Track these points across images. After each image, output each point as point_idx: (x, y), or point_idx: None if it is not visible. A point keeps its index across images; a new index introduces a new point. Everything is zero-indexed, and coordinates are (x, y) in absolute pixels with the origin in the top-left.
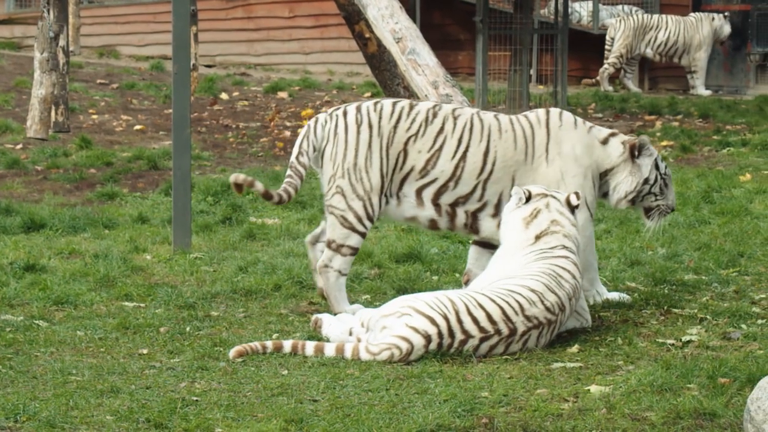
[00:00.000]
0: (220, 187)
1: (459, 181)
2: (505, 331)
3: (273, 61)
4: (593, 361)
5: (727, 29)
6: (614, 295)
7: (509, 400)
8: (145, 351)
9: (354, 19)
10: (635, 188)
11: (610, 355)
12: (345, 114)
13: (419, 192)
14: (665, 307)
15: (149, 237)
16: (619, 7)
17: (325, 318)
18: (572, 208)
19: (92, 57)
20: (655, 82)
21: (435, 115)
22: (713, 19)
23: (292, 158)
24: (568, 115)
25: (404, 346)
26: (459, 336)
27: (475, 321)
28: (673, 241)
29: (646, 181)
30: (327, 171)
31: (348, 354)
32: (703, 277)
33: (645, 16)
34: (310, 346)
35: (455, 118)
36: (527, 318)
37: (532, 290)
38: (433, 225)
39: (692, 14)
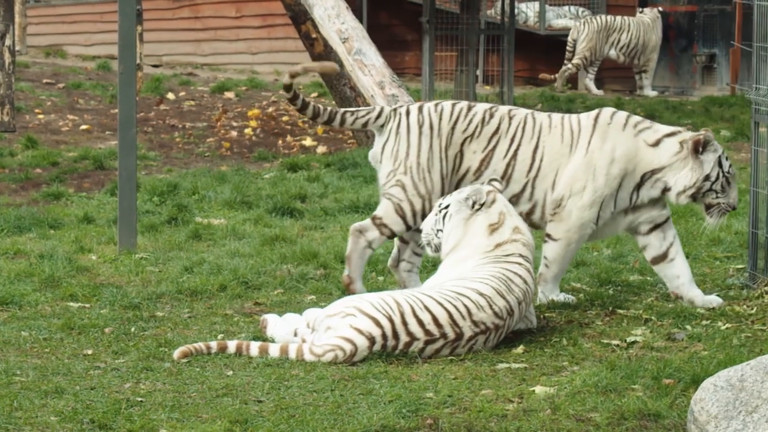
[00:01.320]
0: (166, 187)
1: (510, 180)
2: (451, 335)
3: (220, 61)
4: (538, 362)
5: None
6: (560, 297)
7: (454, 400)
8: (89, 351)
9: (301, 19)
10: (695, 183)
11: (554, 356)
12: (408, 113)
13: None
14: (610, 308)
15: (95, 237)
16: (566, 7)
17: (270, 318)
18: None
19: (39, 56)
20: (602, 82)
21: (492, 116)
22: (658, 15)
23: (342, 109)
24: (620, 116)
25: (348, 347)
26: (404, 338)
27: (421, 323)
28: (618, 242)
29: (707, 177)
30: (386, 166)
31: (292, 355)
32: (648, 278)
33: (608, 18)
34: (254, 347)
35: (510, 118)
36: (474, 323)
37: (481, 294)
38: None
39: (645, 14)
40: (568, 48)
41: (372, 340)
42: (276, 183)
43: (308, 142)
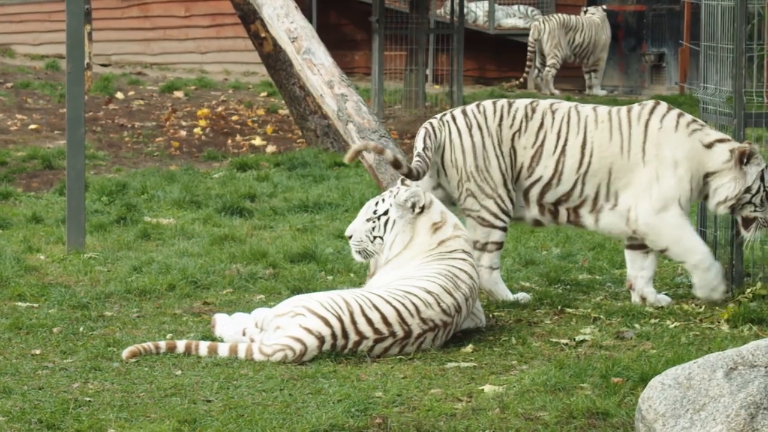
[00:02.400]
0: (115, 186)
1: (561, 179)
2: (400, 333)
3: (169, 61)
4: (487, 361)
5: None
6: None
7: (403, 399)
8: (38, 351)
9: (249, 18)
10: (736, 195)
11: (504, 355)
12: (454, 119)
13: (526, 193)
14: (559, 307)
15: (43, 237)
16: (515, 7)
17: (219, 318)
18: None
19: None
20: (548, 81)
21: (534, 111)
22: (605, 11)
23: (419, 150)
24: (670, 118)
25: (297, 347)
26: (353, 337)
27: (370, 322)
28: (567, 241)
29: (748, 189)
30: (452, 177)
31: (242, 354)
32: (597, 277)
33: (565, 16)
34: (203, 347)
35: (553, 112)
36: (423, 320)
37: (429, 292)
38: (537, 224)
39: (595, 14)
40: (529, 48)
41: (321, 340)
42: (225, 182)
43: (258, 141)
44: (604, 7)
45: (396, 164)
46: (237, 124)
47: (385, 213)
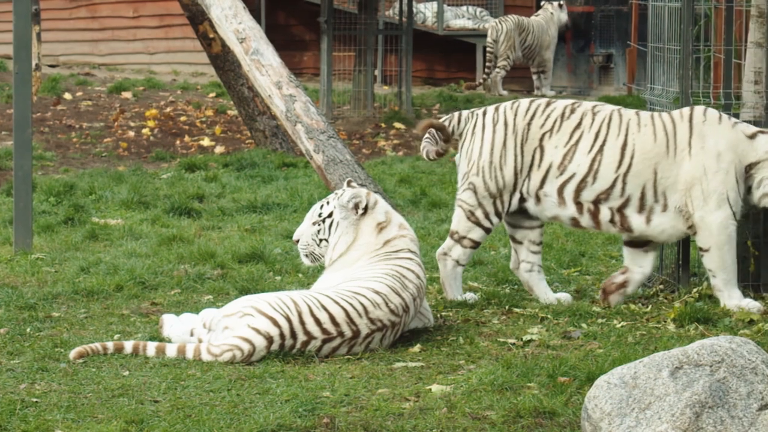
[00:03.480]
0: (62, 187)
1: (597, 176)
2: (348, 333)
3: (117, 61)
4: (435, 361)
5: (563, 16)
6: (745, 302)
7: (351, 399)
8: None
9: (198, 19)
10: None
11: (451, 355)
12: (484, 113)
13: (560, 190)
14: (507, 307)
15: None
16: (464, 7)
17: (166, 319)
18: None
19: None
20: (497, 83)
21: (573, 111)
22: (552, 14)
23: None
24: (712, 112)
25: (246, 347)
26: (301, 337)
27: (318, 322)
28: None
29: None
30: (462, 168)
31: (190, 355)
32: (545, 277)
33: (519, 18)
34: (151, 347)
35: (594, 114)
36: (371, 320)
37: (377, 292)
38: (575, 223)
39: (540, 15)
40: (488, 49)
41: (270, 340)
42: (173, 183)
43: (206, 142)
44: (561, 2)
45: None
46: (185, 124)
47: (330, 215)
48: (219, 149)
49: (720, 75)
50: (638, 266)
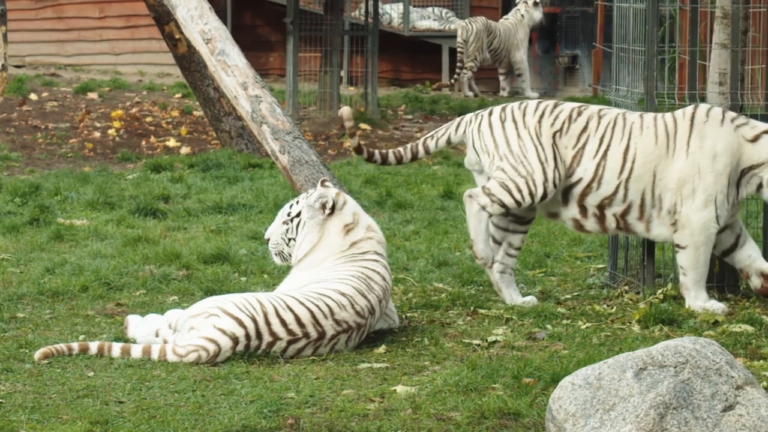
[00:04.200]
0: (28, 188)
1: (601, 181)
2: (313, 334)
3: (83, 62)
4: (400, 362)
5: (537, 15)
6: (709, 303)
7: (315, 400)
8: None
9: (164, 19)
10: None
11: (416, 356)
12: (490, 113)
13: (566, 192)
14: (472, 308)
15: None
16: (429, 9)
17: (131, 319)
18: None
19: None
20: (464, 83)
21: (579, 114)
22: (522, 16)
23: (422, 138)
24: (715, 112)
25: (211, 347)
26: (267, 338)
27: (284, 323)
28: None
29: None
30: (485, 162)
31: (155, 355)
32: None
33: (486, 20)
34: (116, 348)
35: (600, 118)
36: (336, 322)
37: (343, 294)
38: (578, 226)
39: (509, 17)
40: (458, 49)
41: (235, 341)
42: (139, 184)
43: (172, 142)
44: (537, 0)
45: (358, 150)
46: (151, 125)
47: (298, 215)
48: (185, 150)
49: (685, 76)
50: (748, 257)
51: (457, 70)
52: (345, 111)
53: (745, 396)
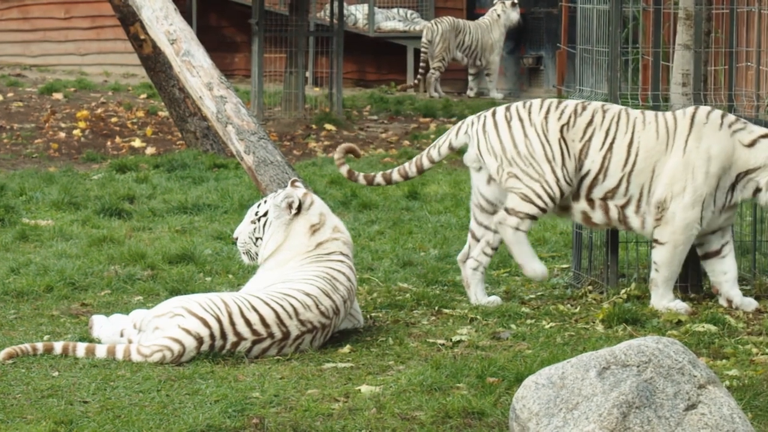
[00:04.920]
0: None
1: (606, 174)
2: (278, 334)
3: (49, 62)
4: (364, 361)
5: (514, 15)
6: (673, 303)
7: (280, 400)
8: None
9: (129, 20)
10: None
11: (381, 356)
12: (494, 113)
13: (577, 186)
14: (436, 308)
15: None
16: (394, 10)
17: (96, 319)
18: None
19: None
20: (430, 84)
21: (584, 108)
22: (498, 16)
23: (425, 150)
24: (715, 115)
25: (176, 347)
26: (231, 338)
27: (248, 323)
28: (445, 242)
29: None
30: (491, 165)
31: (119, 355)
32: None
33: (453, 19)
34: (81, 348)
35: (604, 112)
36: (301, 322)
37: (307, 294)
38: (586, 219)
39: (486, 17)
40: (423, 50)
41: (200, 341)
42: (104, 184)
43: (137, 143)
44: (514, 1)
45: (350, 177)
46: (117, 125)
47: (265, 214)
48: (150, 150)
49: (648, 77)
50: (723, 273)
51: (420, 71)
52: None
53: (707, 395)
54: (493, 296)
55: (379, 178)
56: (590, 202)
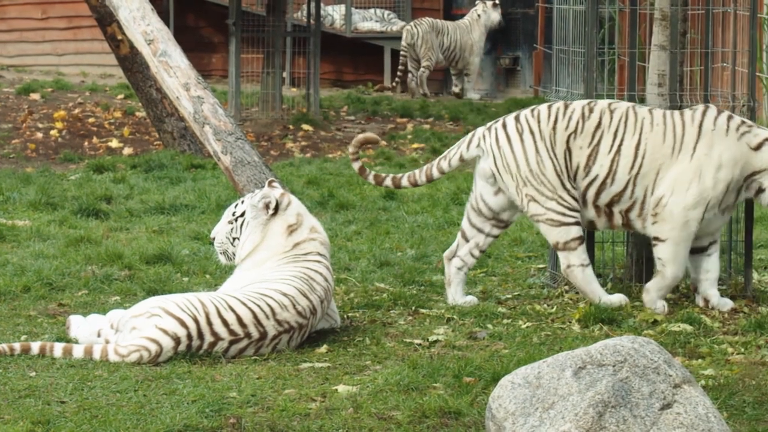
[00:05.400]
0: None
1: (614, 178)
2: (255, 334)
3: (26, 63)
4: (341, 361)
5: (495, 16)
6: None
7: (257, 400)
8: None
9: (106, 20)
10: None
11: (358, 355)
12: (504, 126)
13: (583, 194)
14: (413, 308)
15: None
16: (371, 10)
17: (73, 319)
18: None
19: None
20: (407, 85)
21: (591, 111)
22: (479, 16)
23: (436, 160)
24: (722, 120)
25: (153, 347)
26: (208, 338)
27: (225, 324)
28: (422, 243)
29: None
30: (509, 184)
31: (97, 355)
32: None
33: (432, 20)
34: (58, 348)
35: (612, 112)
36: (278, 322)
37: (284, 294)
38: (591, 225)
39: (466, 17)
40: (402, 53)
41: (177, 341)
42: (82, 184)
43: (114, 143)
44: (496, 1)
45: (361, 173)
46: (94, 126)
47: (243, 215)
48: (127, 151)
49: (624, 77)
50: (705, 272)
51: (399, 73)
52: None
53: (682, 394)
54: (470, 296)
55: (388, 181)
56: (597, 209)
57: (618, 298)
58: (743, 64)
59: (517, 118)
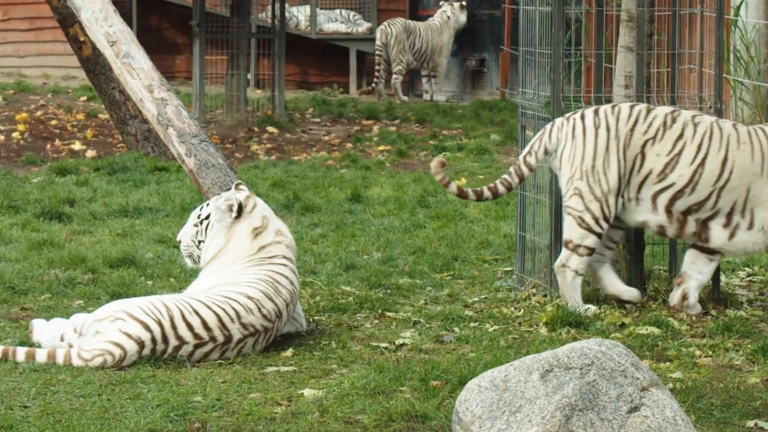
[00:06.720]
0: None
1: (695, 188)
2: (220, 338)
3: None
4: (307, 365)
5: (462, 17)
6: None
7: (222, 404)
8: None
9: (68, 22)
10: None
11: (324, 359)
12: (583, 117)
13: (655, 197)
14: (380, 311)
15: None
16: (337, 11)
17: (36, 323)
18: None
19: None
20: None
21: (674, 120)
22: (448, 18)
23: (520, 157)
24: None
25: (117, 351)
26: (173, 342)
27: (190, 327)
28: (388, 245)
29: None
30: (565, 173)
31: (60, 360)
32: (418, 281)
33: (404, 21)
34: (21, 352)
35: (695, 125)
36: (243, 326)
37: (250, 297)
38: (661, 231)
39: (435, 18)
40: (377, 53)
41: (141, 345)
42: (44, 187)
43: (77, 146)
44: (462, 2)
45: (461, 195)
46: (56, 128)
47: (208, 217)
48: (90, 153)
49: (591, 79)
50: (698, 272)
51: (377, 74)
52: (435, 163)
53: (650, 397)
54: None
55: (487, 193)
56: (669, 214)
57: (591, 308)
58: (710, 66)
59: (596, 112)
